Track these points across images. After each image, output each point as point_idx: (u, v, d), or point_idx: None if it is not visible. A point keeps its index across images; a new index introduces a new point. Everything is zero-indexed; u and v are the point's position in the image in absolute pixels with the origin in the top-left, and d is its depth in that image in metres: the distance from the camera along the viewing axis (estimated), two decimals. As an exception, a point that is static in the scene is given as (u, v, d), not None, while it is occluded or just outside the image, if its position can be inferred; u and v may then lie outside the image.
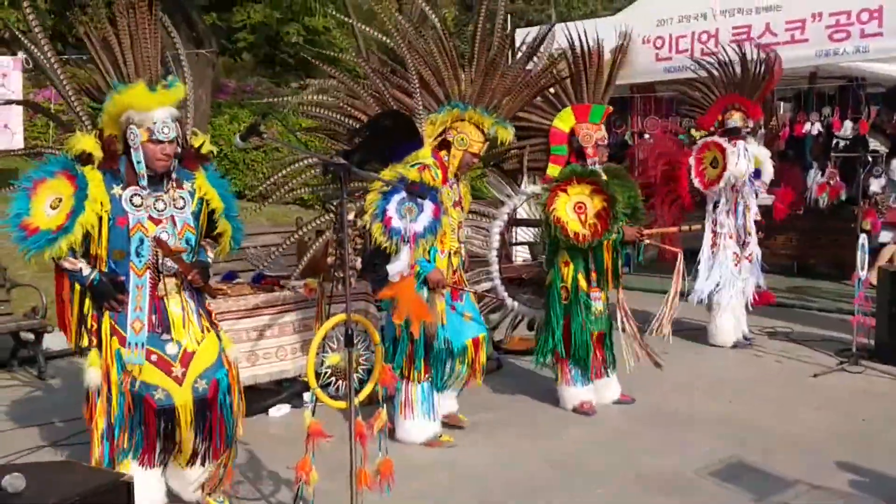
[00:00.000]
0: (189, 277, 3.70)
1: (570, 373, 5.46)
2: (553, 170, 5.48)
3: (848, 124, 9.10)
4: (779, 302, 9.03)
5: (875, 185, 9.58)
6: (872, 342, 6.73)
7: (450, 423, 5.12)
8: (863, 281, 6.51)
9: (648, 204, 6.37)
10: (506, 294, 5.87)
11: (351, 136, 5.09)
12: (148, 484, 3.71)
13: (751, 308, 7.39)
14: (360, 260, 4.81)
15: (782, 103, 10.70)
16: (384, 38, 5.25)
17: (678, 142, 7.72)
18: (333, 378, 5.53)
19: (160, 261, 3.65)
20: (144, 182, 3.63)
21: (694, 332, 7.51)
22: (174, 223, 3.68)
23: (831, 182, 10.11)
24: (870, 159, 9.86)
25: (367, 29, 5.77)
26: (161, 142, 3.58)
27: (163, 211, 3.67)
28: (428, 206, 4.62)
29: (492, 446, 4.93)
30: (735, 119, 7.00)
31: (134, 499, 3.09)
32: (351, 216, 4.54)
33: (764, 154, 7.26)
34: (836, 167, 10.23)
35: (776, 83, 7.18)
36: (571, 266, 5.34)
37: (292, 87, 18.07)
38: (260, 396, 5.46)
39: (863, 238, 6.56)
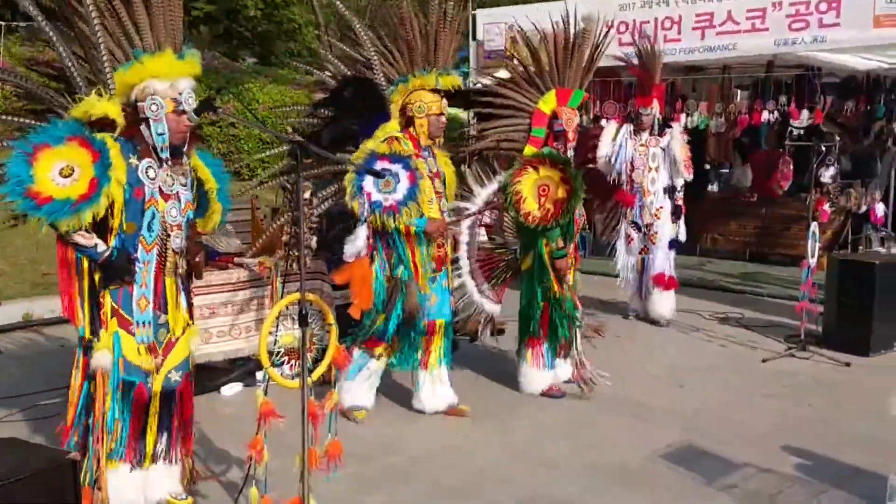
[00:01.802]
0: (196, 259, 3.60)
1: (543, 356, 5.46)
2: (529, 150, 5.46)
3: (805, 114, 9.20)
4: (730, 288, 9.18)
5: (826, 175, 9.72)
6: (820, 328, 6.85)
7: (451, 414, 5.08)
8: (812, 268, 6.61)
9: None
10: (475, 291, 5.65)
11: (315, 111, 5.07)
12: (127, 485, 3.51)
13: (653, 290, 7.59)
14: (315, 239, 4.78)
15: (739, 91, 10.79)
16: (344, 12, 5.20)
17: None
18: (287, 357, 5.51)
19: (171, 238, 3.51)
20: (167, 154, 3.46)
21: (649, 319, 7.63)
22: (179, 200, 3.54)
23: (784, 170, 10.24)
24: (822, 149, 9.99)
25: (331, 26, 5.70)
26: (185, 112, 3.42)
27: (171, 186, 3.51)
28: (403, 174, 4.68)
29: (445, 431, 4.92)
30: (631, 108, 7.74)
31: (78, 478, 3.04)
32: (306, 195, 4.49)
33: (676, 140, 7.46)
34: (790, 156, 10.36)
35: (655, 76, 7.39)
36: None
37: (249, 62, 17.79)
38: (212, 374, 5.40)
39: (813, 226, 6.65)
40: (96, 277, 3.49)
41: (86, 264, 3.48)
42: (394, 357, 5.02)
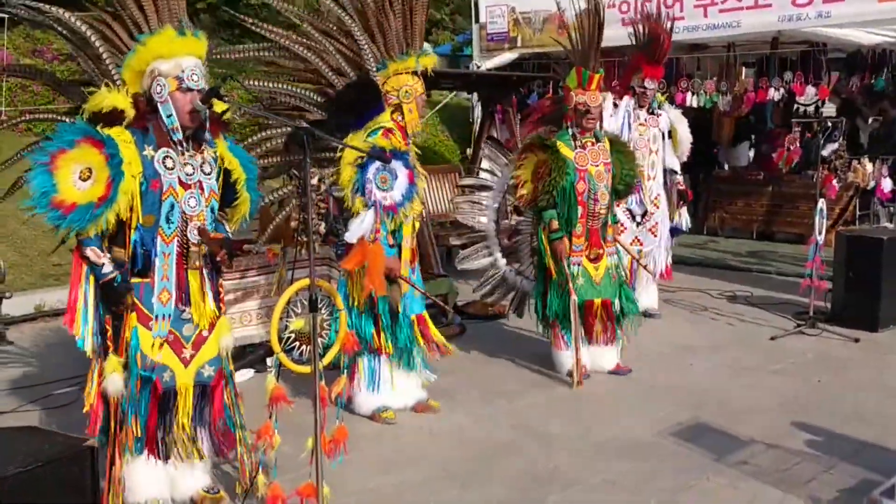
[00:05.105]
0: (219, 258, 3.50)
1: (563, 338, 5.46)
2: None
3: (810, 90, 9.17)
4: (738, 266, 9.18)
5: (827, 150, 9.68)
6: (829, 305, 6.85)
7: (419, 411, 4.92)
8: (819, 245, 6.60)
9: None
10: (507, 268, 5.90)
11: (321, 107, 4.94)
12: (150, 479, 3.44)
13: (656, 281, 7.16)
14: (323, 225, 4.75)
15: (744, 68, 10.76)
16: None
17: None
18: (297, 343, 5.54)
19: (189, 229, 3.41)
20: (180, 135, 3.35)
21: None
22: (202, 189, 3.43)
23: (791, 147, 10.22)
24: (829, 125, 9.97)
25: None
26: (191, 90, 3.31)
27: (191, 175, 3.40)
28: (402, 171, 4.51)
29: (452, 412, 4.94)
30: (635, 81, 6.91)
31: (97, 465, 3.08)
32: (314, 181, 4.49)
33: (681, 120, 7.13)
34: (796, 133, 10.36)
35: (667, 47, 6.95)
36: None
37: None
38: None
39: (821, 203, 6.64)
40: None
41: (91, 281, 3.34)
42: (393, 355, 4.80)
